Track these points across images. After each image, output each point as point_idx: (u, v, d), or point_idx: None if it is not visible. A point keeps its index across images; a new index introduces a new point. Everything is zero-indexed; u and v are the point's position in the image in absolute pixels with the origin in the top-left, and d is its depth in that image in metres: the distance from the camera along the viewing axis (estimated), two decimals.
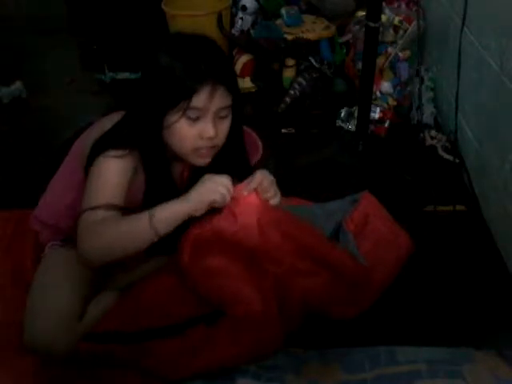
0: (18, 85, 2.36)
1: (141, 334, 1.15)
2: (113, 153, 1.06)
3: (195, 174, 1.20)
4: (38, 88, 2.43)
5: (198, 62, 1.03)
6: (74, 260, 1.20)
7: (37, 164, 1.23)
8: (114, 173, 1.07)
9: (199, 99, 1.02)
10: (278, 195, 1.12)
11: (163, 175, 1.15)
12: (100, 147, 1.09)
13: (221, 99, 1.04)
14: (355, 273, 1.22)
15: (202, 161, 1.11)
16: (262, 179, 1.09)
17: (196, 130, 1.05)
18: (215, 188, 1.02)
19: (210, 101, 1.02)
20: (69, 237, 1.24)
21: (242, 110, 1.16)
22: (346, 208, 1.43)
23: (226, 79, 1.05)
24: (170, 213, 1.01)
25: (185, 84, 1.01)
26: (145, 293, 1.23)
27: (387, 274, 1.33)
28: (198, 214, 1.03)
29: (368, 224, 1.39)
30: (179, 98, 1.02)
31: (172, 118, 1.04)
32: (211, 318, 1.16)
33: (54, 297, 1.13)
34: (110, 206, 1.04)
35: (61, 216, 1.23)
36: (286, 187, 1.20)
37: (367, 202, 1.46)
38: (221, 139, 1.09)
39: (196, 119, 1.04)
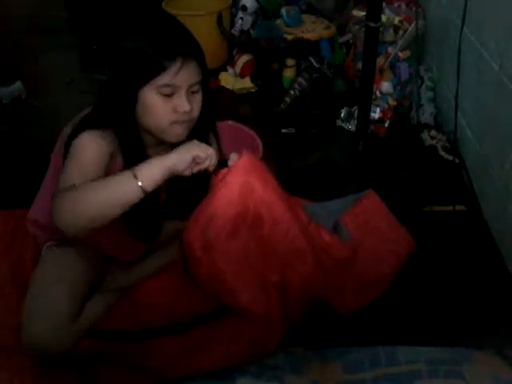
0: (17, 85, 2.36)
1: (142, 333, 1.15)
2: (90, 132, 1.06)
3: None
4: (37, 88, 2.43)
5: (167, 39, 1.03)
6: (71, 260, 1.21)
7: (36, 164, 1.23)
8: (90, 154, 1.05)
9: (171, 75, 1.02)
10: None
11: (140, 157, 1.12)
12: (77, 131, 1.08)
13: (192, 75, 1.05)
14: (333, 247, 1.22)
15: (178, 136, 1.10)
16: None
17: (170, 105, 1.05)
18: (197, 144, 1.03)
19: (181, 77, 1.03)
20: (64, 237, 1.24)
21: (208, 87, 1.16)
22: (347, 207, 1.44)
23: (195, 54, 1.06)
24: (153, 168, 0.98)
25: (155, 61, 1.01)
26: (147, 292, 1.23)
27: (388, 273, 1.33)
28: (183, 170, 1.00)
29: (369, 222, 1.39)
30: (150, 75, 1.02)
31: (145, 95, 1.04)
32: (212, 317, 1.17)
33: (52, 296, 1.13)
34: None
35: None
36: (286, 187, 1.20)
37: (370, 201, 1.46)
38: (196, 114, 1.10)
39: (170, 95, 1.04)
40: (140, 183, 0.95)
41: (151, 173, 0.97)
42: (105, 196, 0.95)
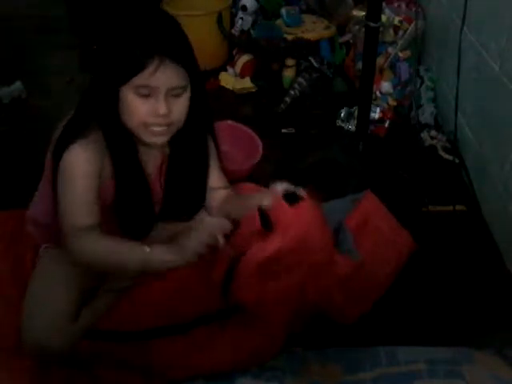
0: (17, 85, 2.35)
1: (142, 333, 1.15)
2: (77, 145, 1.04)
3: (173, 166, 1.20)
4: (38, 88, 2.43)
5: (146, 37, 0.99)
6: (70, 260, 1.21)
7: (36, 164, 1.23)
8: (80, 171, 1.04)
9: (146, 75, 0.97)
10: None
11: (129, 158, 1.11)
12: (63, 137, 1.07)
13: (172, 78, 1.00)
14: (347, 269, 1.21)
15: (156, 139, 1.07)
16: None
17: (148, 106, 1.01)
18: (212, 224, 1.01)
19: (158, 78, 0.98)
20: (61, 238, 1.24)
21: (203, 89, 1.11)
22: (347, 207, 1.43)
23: (177, 55, 0.99)
24: (164, 261, 1.01)
25: (132, 59, 0.98)
26: (147, 292, 1.23)
27: (388, 273, 1.33)
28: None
29: (369, 223, 1.39)
30: (128, 74, 0.99)
31: (124, 94, 1.01)
32: (213, 318, 1.17)
33: (51, 298, 1.13)
34: (89, 227, 1.04)
35: (50, 214, 1.21)
36: None
37: (368, 201, 1.46)
38: (176, 117, 1.06)
39: (147, 96, 1.00)
40: (146, 270, 1.06)
41: (160, 267, 1.04)
42: (121, 261, 1.05)
